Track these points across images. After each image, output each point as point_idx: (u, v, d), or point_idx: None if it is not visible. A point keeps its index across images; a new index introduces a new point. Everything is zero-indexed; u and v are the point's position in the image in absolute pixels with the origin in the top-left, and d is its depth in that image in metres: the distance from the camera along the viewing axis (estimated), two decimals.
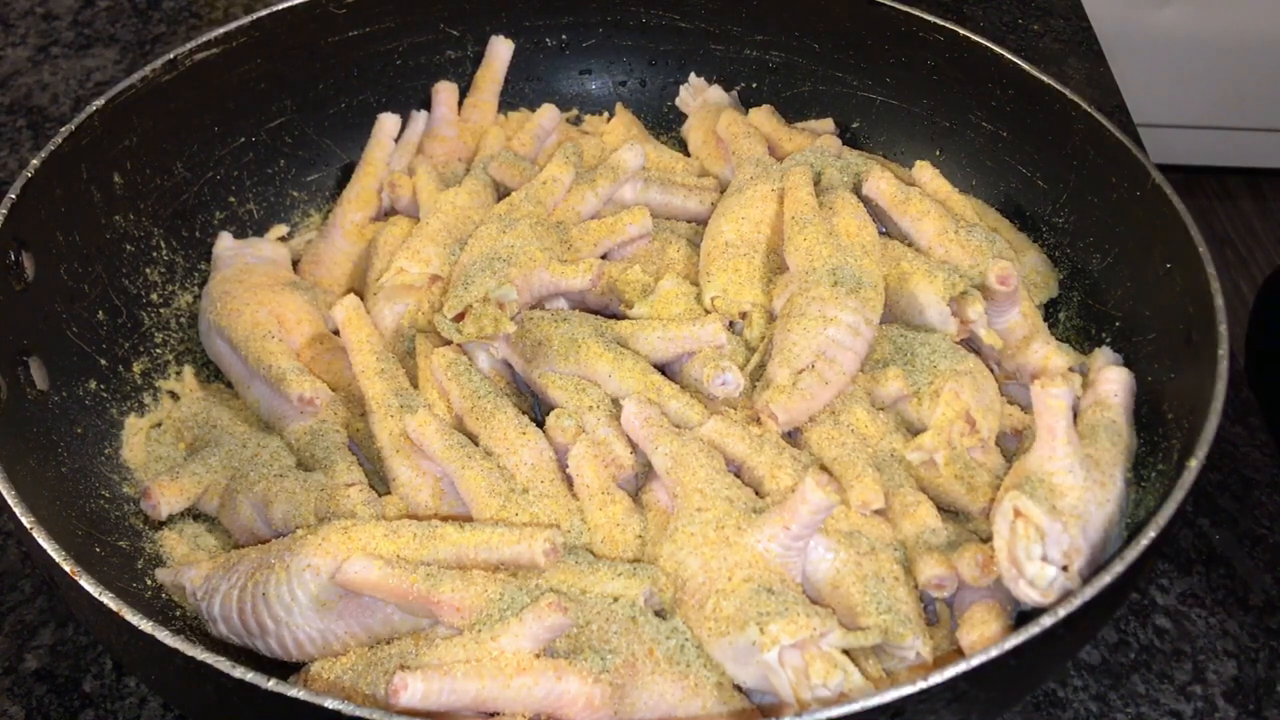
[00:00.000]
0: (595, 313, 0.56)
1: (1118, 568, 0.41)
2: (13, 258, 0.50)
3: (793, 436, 0.52)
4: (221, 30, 0.58)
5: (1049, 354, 0.54)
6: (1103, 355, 0.54)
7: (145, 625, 0.39)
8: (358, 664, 0.44)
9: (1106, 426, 0.48)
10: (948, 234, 0.56)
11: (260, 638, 0.46)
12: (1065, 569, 0.44)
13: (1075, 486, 0.45)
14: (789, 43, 0.68)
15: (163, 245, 0.59)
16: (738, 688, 0.44)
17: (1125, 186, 0.56)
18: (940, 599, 0.47)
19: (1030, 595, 0.44)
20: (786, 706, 0.42)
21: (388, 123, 0.65)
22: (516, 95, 0.69)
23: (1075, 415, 0.49)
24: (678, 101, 0.70)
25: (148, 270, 0.58)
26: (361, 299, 0.56)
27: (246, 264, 0.59)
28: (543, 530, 0.45)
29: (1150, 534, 0.42)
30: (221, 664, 0.38)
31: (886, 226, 0.59)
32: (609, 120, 0.70)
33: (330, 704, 0.37)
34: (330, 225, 0.62)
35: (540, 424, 0.51)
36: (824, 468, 0.50)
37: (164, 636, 0.38)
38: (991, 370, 0.54)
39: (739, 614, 0.43)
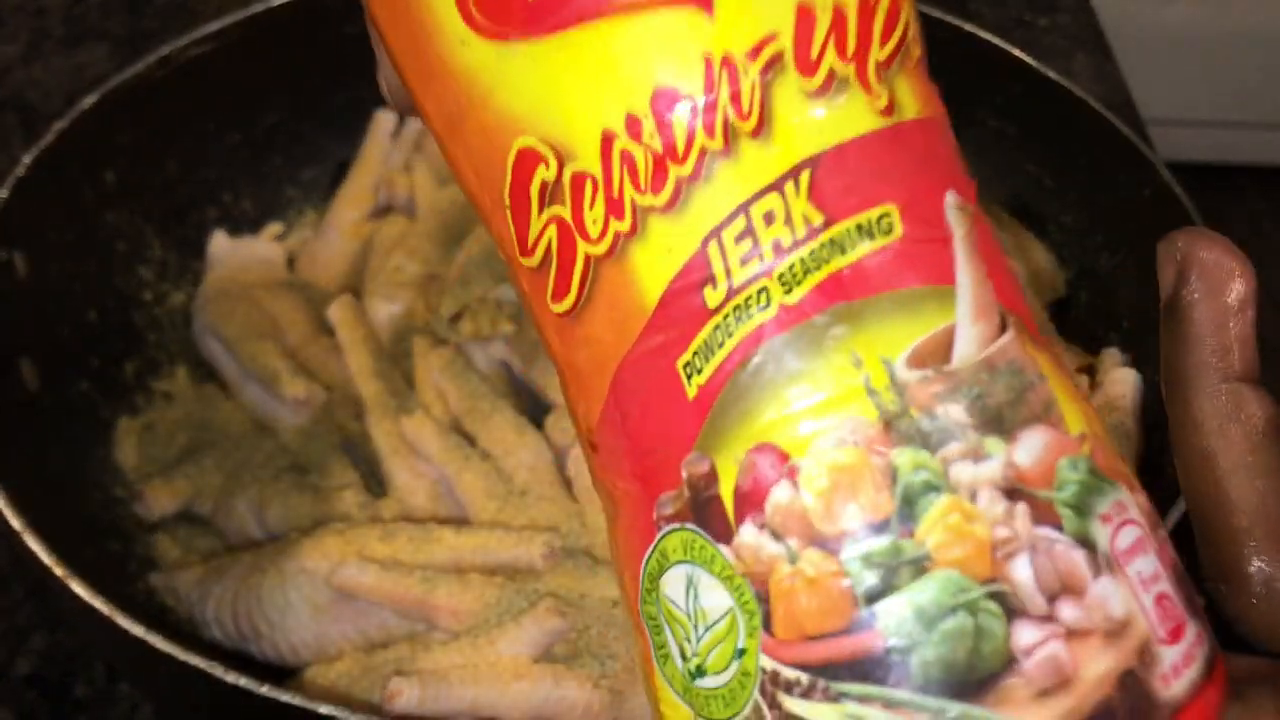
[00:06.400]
0: None
1: None
2: (4, 256, 0.50)
3: None
4: (215, 26, 0.58)
5: None
6: (1111, 356, 0.54)
7: (137, 630, 0.38)
8: (353, 669, 0.44)
9: (1115, 428, 0.48)
10: None
11: (254, 642, 0.45)
12: None
13: None
14: None
15: (155, 243, 0.59)
16: None
17: (1133, 184, 0.56)
18: None
19: None
20: None
21: (384, 120, 0.64)
22: None
23: None
24: None
25: (140, 269, 0.58)
26: (358, 298, 0.56)
27: (241, 263, 0.59)
28: (541, 533, 0.45)
29: None
30: (215, 669, 0.37)
31: None
32: None
33: (325, 710, 0.36)
34: (326, 223, 0.62)
35: (539, 425, 0.51)
36: None
37: (156, 641, 0.38)
38: None
39: None
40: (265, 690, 0.37)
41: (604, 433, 0.20)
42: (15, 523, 0.41)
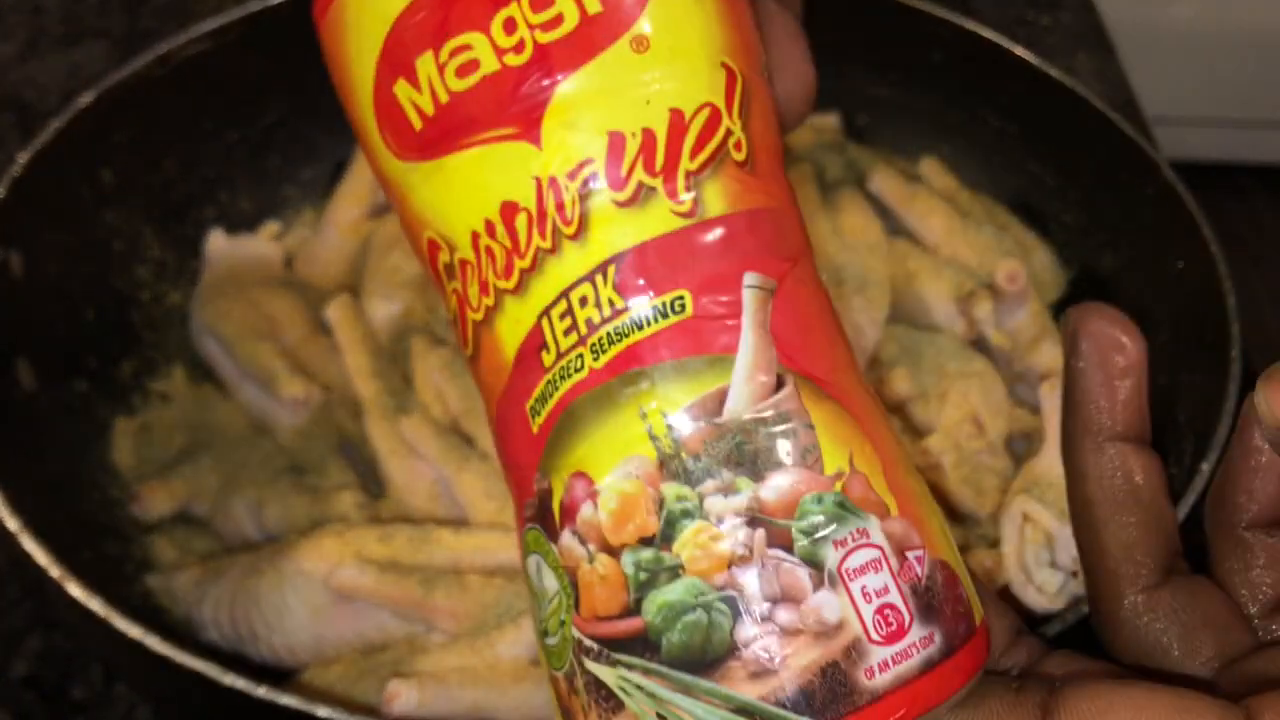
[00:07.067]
0: None
1: None
2: (0, 256, 0.50)
3: None
4: (213, 24, 0.57)
5: (1058, 354, 0.53)
6: None
7: (134, 631, 0.38)
8: (351, 671, 0.44)
9: None
10: (955, 232, 0.55)
11: (252, 643, 0.45)
12: (1075, 574, 0.43)
13: None
14: None
15: (153, 243, 0.59)
16: None
17: (1136, 183, 0.55)
18: None
19: (1039, 601, 0.43)
20: None
21: None
22: None
23: None
24: None
25: (138, 268, 0.58)
26: (356, 297, 0.56)
27: (239, 262, 0.58)
28: None
29: None
30: (212, 671, 0.37)
31: (892, 224, 0.58)
32: None
33: (323, 712, 0.36)
34: (324, 222, 0.61)
35: None
36: None
37: (153, 643, 0.38)
38: (1000, 371, 0.54)
39: None
40: (263, 692, 0.37)
41: (495, 449, 0.26)
42: (11, 523, 0.41)
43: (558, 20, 0.24)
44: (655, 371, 0.24)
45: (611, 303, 0.24)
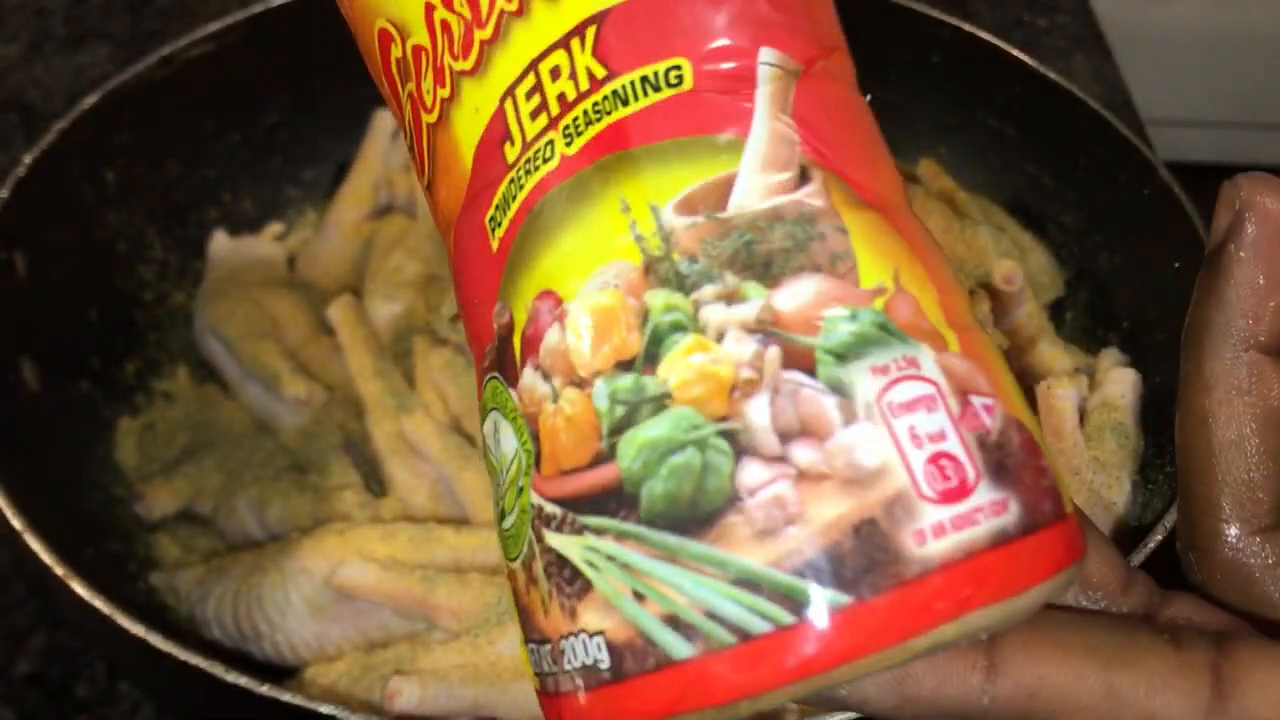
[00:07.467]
0: None
1: None
2: (4, 256, 0.50)
3: None
4: (216, 26, 0.58)
5: (1055, 355, 0.53)
6: (1110, 356, 0.54)
7: (137, 629, 0.38)
8: (353, 669, 0.44)
9: (1114, 428, 0.48)
10: (952, 233, 0.55)
11: (255, 641, 0.45)
12: None
13: (1081, 489, 0.45)
14: None
15: (156, 243, 0.59)
16: None
17: (1133, 185, 0.55)
18: None
19: None
20: (787, 711, 0.42)
21: (384, 120, 0.64)
22: None
23: (1082, 417, 0.49)
24: None
25: (141, 269, 0.58)
26: (358, 298, 0.56)
27: (242, 263, 0.59)
28: None
29: (1157, 537, 0.41)
30: (215, 669, 0.37)
31: None
32: None
33: (325, 709, 0.37)
34: (326, 223, 0.62)
35: None
36: None
37: (156, 640, 0.38)
38: None
39: None
40: (265, 689, 0.37)
41: (455, 297, 0.21)
42: (16, 522, 0.41)
43: None
44: (643, 156, 0.18)
45: (590, 72, 0.19)
